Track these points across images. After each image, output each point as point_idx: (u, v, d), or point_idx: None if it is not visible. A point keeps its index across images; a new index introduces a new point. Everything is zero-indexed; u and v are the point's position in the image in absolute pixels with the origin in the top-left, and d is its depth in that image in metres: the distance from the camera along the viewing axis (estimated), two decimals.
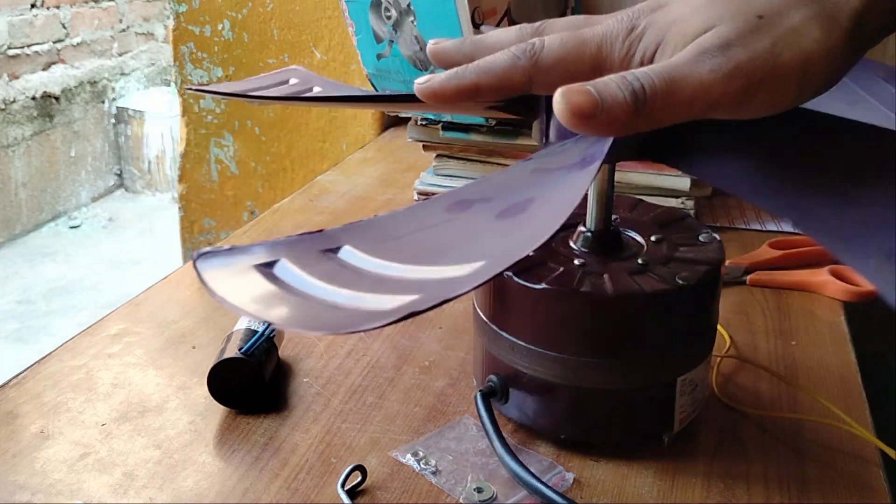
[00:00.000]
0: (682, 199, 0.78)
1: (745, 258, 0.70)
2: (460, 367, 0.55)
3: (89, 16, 3.43)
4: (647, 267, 0.44)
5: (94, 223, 3.32)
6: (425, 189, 0.84)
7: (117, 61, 3.58)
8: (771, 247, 0.71)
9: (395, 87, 0.78)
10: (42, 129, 3.17)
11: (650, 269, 0.44)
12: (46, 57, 3.24)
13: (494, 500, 0.43)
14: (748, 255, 0.71)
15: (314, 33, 1.15)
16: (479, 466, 0.45)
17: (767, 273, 0.68)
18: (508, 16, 0.72)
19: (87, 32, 3.43)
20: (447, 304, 0.27)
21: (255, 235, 0.75)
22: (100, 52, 3.51)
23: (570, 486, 0.44)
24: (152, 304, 0.63)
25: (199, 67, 1.22)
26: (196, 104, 1.23)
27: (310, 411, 0.50)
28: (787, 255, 0.70)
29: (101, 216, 3.38)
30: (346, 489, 0.43)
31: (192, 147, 1.26)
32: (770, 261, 0.70)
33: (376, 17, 0.75)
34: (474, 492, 0.43)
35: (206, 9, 1.19)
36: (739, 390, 0.53)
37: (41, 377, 0.53)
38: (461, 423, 0.49)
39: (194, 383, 0.53)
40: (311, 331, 0.29)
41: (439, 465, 0.45)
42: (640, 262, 0.45)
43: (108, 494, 0.43)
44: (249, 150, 1.23)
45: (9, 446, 0.46)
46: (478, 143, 0.81)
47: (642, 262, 0.45)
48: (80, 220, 3.32)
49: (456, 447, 0.47)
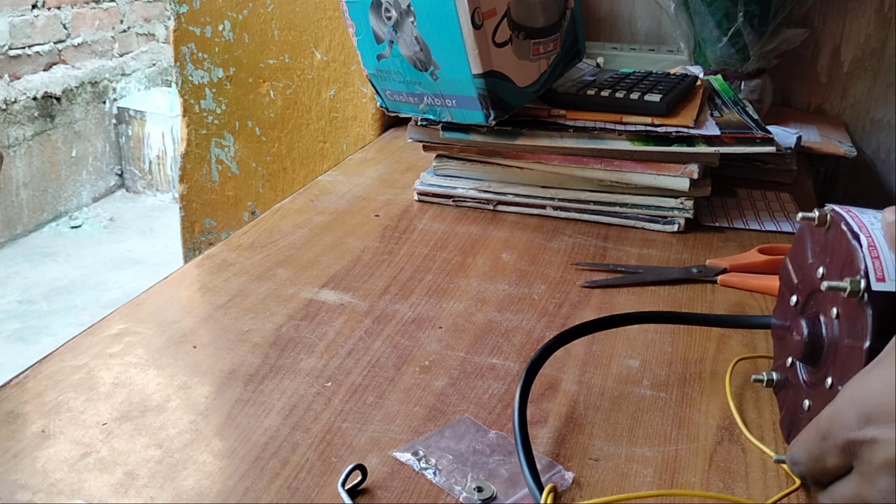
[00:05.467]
0: (681, 200, 0.78)
1: (727, 259, 0.70)
2: (460, 367, 0.55)
3: (90, 16, 3.43)
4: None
5: (95, 223, 3.32)
6: (425, 189, 0.84)
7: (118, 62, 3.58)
8: (760, 251, 0.71)
9: (395, 87, 0.79)
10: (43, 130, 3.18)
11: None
12: (47, 57, 3.24)
13: (494, 498, 0.43)
14: (731, 257, 0.71)
15: (315, 34, 1.15)
16: (478, 466, 0.45)
17: (738, 275, 0.68)
18: (508, 16, 0.73)
19: (88, 33, 3.43)
20: (447, 304, 0.28)
21: (256, 235, 0.75)
22: (101, 52, 3.51)
23: (570, 486, 0.44)
24: (153, 303, 0.63)
25: (199, 68, 1.22)
26: (196, 105, 1.24)
27: (310, 411, 0.50)
28: (770, 261, 0.70)
29: (102, 216, 3.38)
30: (346, 488, 0.43)
31: (193, 147, 1.26)
32: (751, 265, 0.70)
33: (376, 18, 0.75)
34: (474, 490, 0.43)
35: (207, 9, 1.19)
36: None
37: (42, 377, 0.53)
38: (461, 423, 0.49)
39: (195, 383, 0.53)
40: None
41: (439, 464, 0.45)
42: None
43: (109, 494, 0.43)
44: (250, 151, 1.23)
45: (10, 446, 0.47)
46: (478, 144, 0.81)
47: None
48: (81, 220, 3.32)
49: (456, 446, 0.47)
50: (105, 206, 3.47)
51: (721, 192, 0.87)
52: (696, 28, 1.09)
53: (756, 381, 0.50)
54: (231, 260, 0.70)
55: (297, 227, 0.78)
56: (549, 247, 0.75)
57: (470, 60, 0.71)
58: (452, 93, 0.75)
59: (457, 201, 0.83)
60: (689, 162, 0.76)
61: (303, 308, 0.62)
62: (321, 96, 1.17)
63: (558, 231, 0.78)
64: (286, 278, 0.67)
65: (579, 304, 0.64)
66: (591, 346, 0.58)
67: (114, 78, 3.53)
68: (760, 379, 0.50)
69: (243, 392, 0.52)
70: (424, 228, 0.78)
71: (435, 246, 0.74)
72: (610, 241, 0.76)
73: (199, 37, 1.20)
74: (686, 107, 0.79)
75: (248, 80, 1.20)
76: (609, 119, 0.77)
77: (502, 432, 0.48)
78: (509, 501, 0.43)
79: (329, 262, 0.70)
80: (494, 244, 0.75)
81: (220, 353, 0.56)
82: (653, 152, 0.76)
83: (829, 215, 0.43)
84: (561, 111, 0.78)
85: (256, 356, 0.56)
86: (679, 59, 1.13)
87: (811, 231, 0.46)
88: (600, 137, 0.77)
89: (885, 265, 0.39)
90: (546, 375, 0.54)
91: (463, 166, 0.83)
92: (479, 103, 0.74)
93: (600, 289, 0.67)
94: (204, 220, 1.28)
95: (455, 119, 0.77)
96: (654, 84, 0.80)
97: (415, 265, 0.70)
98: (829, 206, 0.44)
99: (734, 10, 1.05)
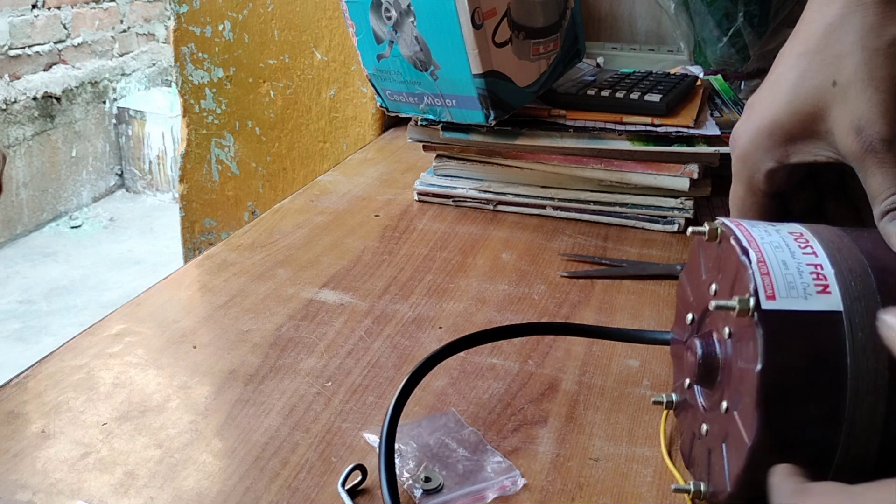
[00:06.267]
0: (681, 200, 0.78)
1: None
2: (460, 367, 0.55)
3: (90, 16, 3.43)
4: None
5: (95, 223, 3.32)
6: (425, 189, 0.84)
7: (118, 62, 3.58)
8: None
9: (395, 87, 0.79)
10: (43, 130, 3.18)
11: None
12: (47, 57, 3.24)
13: (439, 490, 0.43)
14: None
15: (315, 34, 1.15)
16: (438, 458, 0.45)
17: None
18: (508, 16, 0.73)
19: (88, 33, 3.43)
20: (447, 304, 0.28)
21: (256, 235, 0.75)
22: (101, 52, 3.51)
23: (519, 491, 0.44)
24: (153, 303, 0.63)
25: (199, 68, 1.22)
26: (197, 105, 1.24)
27: (310, 411, 0.50)
28: None
29: (102, 216, 3.38)
30: (346, 489, 0.43)
31: (193, 147, 1.26)
32: None
33: (376, 18, 0.75)
34: (422, 480, 0.43)
35: (207, 9, 1.19)
36: None
37: (42, 377, 0.53)
38: (444, 416, 0.49)
39: (195, 383, 0.53)
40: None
41: (400, 450, 0.45)
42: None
43: (109, 494, 0.43)
44: (250, 151, 1.23)
45: (10, 446, 0.47)
46: (478, 144, 0.81)
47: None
48: (81, 220, 3.32)
49: (426, 436, 0.47)
50: (105, 206, 3.47)
51: (721, 192, 0.87)
52: (696, 28, 1.09)
53: (656, 403, 0.47)
54: (231, 260, 0.70)
55: (297, 227, 0.78)
56: (549, 247, 0.75)
57: (470, 60, 0.71)
58: (452, 93, 0.75)
59: (457, 201, 0.83)
60: (689, 162, 0.76)
61: (303, 308, 0.62)
62: (321, 96, 1.17)
63: (558, 231, 0.78)
64: (286, 278, 0.67)
65: (579, 303, 0.64)
66: (591, 346, 0.58)
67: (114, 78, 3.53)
68: (660, 401, 0.47)
69: (243, 392, 0.52)
70: (424, 228, 0.78)
71: (435, 246, 0.74)
72: (610, 241, 0.76)
73: (199, 37, 1.20)
74: (686, 107, 0.79)
75: (248, 80, 1.20)
76: (609, 119, 0.77)
77: (479, 431, 0.48)
78: (452, 494, 0.43)
79: (329, 262, 0.70)
80: (494, 244, 0.75)
81: (220, 353, 0.56)
82: (653, 152, 0.76)
83: (720, 229, 0.40)
84: (561, 111, 0.78)
85: (256, 356, 0.56)
86: (679, 59, 1.13)
87: (703, 246, 0.43)
88: (600, 137, 0.77)
89: (774, 282, 0.36)
90: (546, 375, 0.54)
91: (463, 166, 0.83)
92: (479, 103, 0.74)
93: (586, 279, 0.67)
94: (204, 220, 1.28)
95: (455, 119, 0.77)
96: (654, 84, 0.80)
97: (415, 265, 0.70)
98: (719, 220, 0.41)
99: (734, 10, 1.05)
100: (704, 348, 0.40)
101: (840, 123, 0.40)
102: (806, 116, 0.42)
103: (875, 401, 0.34)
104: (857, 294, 0.35)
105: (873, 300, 0.35)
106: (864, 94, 0.40)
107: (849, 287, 0.36)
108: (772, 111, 0.43)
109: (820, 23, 0.42)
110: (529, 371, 0.55)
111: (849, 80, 0.40)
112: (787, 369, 0.35)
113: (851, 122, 0.40)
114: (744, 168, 0.45)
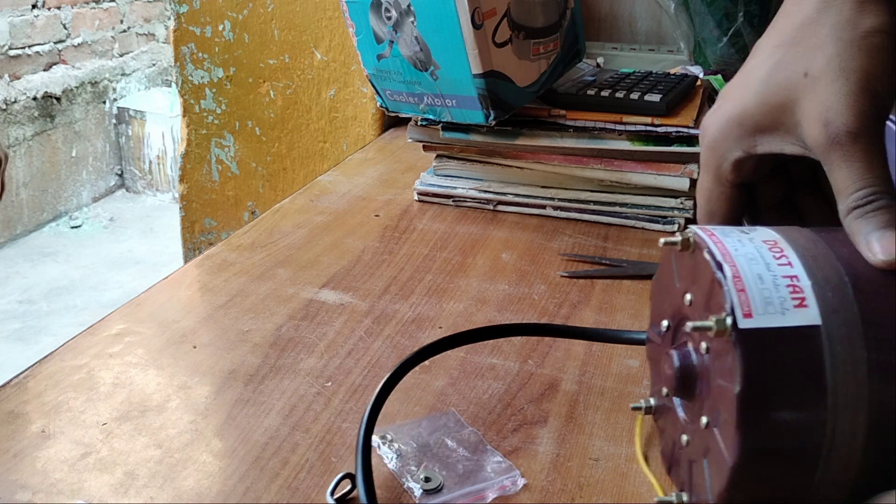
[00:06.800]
0: (681, 200, 0.78)
1: None
2: (460, 367, 0.55)
3: (90, 16, 3.43)
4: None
5: (95, 223, 3.33)
6: (425, 189, 0.84)
7: (118, 62, 3.58)
8: None
9: (395, 87, 0.79)
10: (43, 130, 3.18)
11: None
12: (47, 57, 3.24)
13: (439, 490, 0.43)
14: None
15: (315, 34, 1.15)
16: (438, 457, 0.45)
17: None
18: (508, 16, 0.73)
19: (87, 33, 3.43)
20: (447, 304, 0.28)
21: (256, 235, 0.75)
22: (101, 52, 3.51)
23: (519, 491, 0.44)
24: (153, 303, 0.63)
25: (199, 68, 1.22)
26: (197, 105, 1.24)
27: (310, 411, 0.50)
28: None
29: (102, 216, 3.38)
30: (335, 497, 0.42)
31: (193, 147, 1.26)
32: None
33: (376, 18, 0.75)
34: (422, 480, 0.43)
35: (207, 9, 1.19)
36: None
37: (42, 377, 0.53)
38: (444, 416, 0.49)
39: (195, 383, 0.53)
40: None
41: (401, 450, 0.45)
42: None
43: (109, 494, 0.43)
44: (250, 151, 1.23)
45: (10, 446, 0.47)
46: (478, 144, 0.81)
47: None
48: (81, 220, 3.32)
49: (426, 436, 0.47)
50: (105, 206, 3.47)
51: None
52: (696, 28, 1.09)
53: (635, 409, 0.46)
54: (231, 260, 0.70)
55: (297, 227, 0.78)
56: (549, 247, 0.75)
57: (470, 60, 0.71)
58: (452, 93, 0.75)
59: (457, 201, 0.84)
60: (689, 162, 0.76)
61: (303, 308, 0.62)
62: (321, 96, 1.17)
63: (558, 231, 0.78)
64: (286, 278, 0.67)
65: (579, 304, 0.65)
66: (591, 346, 0.58)
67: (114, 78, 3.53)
68: (639, 406, 0.45)
69: (243, 392, 0.52)
70: (424, 228, 0.78)
71: (435, 246, 0.74)
72: (610, 241, 0.76)
73: (199, 37, 1.20)
74: (686, 107, 0.79)
75: (248, 80, 1.20)
76: (609, 119, 0.77)
77: (479, 431, 0.48)
78: (453, 494, 0.43)
79: (329, 262, 0.70)
80: (494, 244, 0.75)
81: (220, 353, 0.56)
82: (653, 152, 0.76)
83: (692, 239, 0.39)
84: (561, 111, 0.78)
85: (256, 356, 0.56)
86: (679, 59, 1.13)
87: (676, 255, 0.42)
88: (600, 137, 0.77)
89: (751, 298, 0.35)
90: (546, 375, 0.54)
91: (463, 166, 0.84)
92: (479, 103, 0.74)
93: (587, 279, 0.67)
94: (204, 220, 1.28)
95: (455, 119, 0.77)
96: (654, 84, 0.81)
97: (415, 265, 0.70)
98: (691, 229, 0.40)
99: (734, 10, 1.05)
100: (682, 361, 0.39)
101: (808, 115, 0.40)
102: (775, 107, 0.41)
103: (855, 414, 0.34)
104: (834, 306, 0.35)
105: (851, 311, 0.35)
106: (833, 84, 0.39)
107: (826, 299, 0.35)
108: (742, 101, 0.43)
109: (797, 16, 0.42)
110: (529, 371, 0.55)
111: (820, 71, 0.40)
112: (766, 389, 0.34)
113: (819, 114, 0.39)
114: (712, 157, 0.45)
